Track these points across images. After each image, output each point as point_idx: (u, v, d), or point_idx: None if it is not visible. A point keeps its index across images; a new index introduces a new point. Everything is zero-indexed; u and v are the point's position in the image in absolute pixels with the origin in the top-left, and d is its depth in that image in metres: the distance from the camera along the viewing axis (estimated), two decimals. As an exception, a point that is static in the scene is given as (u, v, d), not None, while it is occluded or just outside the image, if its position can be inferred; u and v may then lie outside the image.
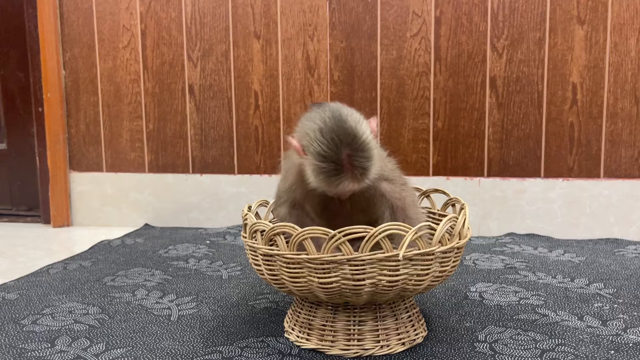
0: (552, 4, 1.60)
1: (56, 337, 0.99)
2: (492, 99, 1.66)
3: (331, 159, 0.81)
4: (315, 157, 0.82)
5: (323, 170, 0.82)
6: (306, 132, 0.84)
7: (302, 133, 0.86)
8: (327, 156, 0.81)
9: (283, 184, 0.96)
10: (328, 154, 0.81)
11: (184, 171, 1.86)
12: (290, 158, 0.96)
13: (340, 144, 0.81)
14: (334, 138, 0.81)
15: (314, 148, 0.82)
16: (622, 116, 1.60)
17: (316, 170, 0.83)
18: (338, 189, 0.84)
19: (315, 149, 0.82)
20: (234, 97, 1.80)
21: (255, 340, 0.97)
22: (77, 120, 1.91)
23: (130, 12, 1.83)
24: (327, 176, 0.82)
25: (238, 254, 1.50)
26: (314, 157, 0.82)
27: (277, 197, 0.98)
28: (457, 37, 1.66)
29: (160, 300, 1.16)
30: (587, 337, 0.96)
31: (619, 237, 1.61)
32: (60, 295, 1.20)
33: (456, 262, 0.92)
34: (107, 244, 1.63)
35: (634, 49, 1.57)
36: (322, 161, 0.82)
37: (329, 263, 0.83)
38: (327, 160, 0.81)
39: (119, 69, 1.86)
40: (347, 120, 0.83)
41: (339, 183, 0.83)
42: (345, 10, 1.70)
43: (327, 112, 0.85)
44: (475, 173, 1.69)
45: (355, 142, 0.82)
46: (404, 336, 0.93)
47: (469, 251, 1.49)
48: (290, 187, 0.94)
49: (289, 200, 0.95)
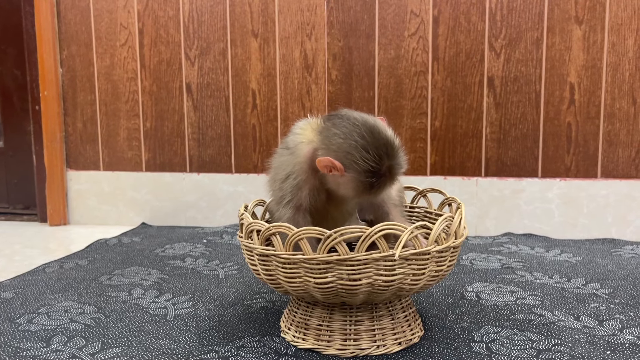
0: (550, 3, 1.60)
1: (52, 336, 0.99)
2: (490, 99, 1.66)
3: (377, 173, 0.86)
4: (362, 175, 0.86)
5: (368, 184, 0.86)
6: (347, 152, 0.86)
7: (341, 152, 0.87)
8: (374, 172, 0.86)
9: (286, 182, 0.93)
10: (375, 169, 0.85)
11: (182, 170, 1.86)
12: (295, 155, 0.93)
13: (385, 158, 0.86)
14: (380, 154, 0.86)
15: (360, 166, 0.85)
16: (620, 116, 1.60)
17: (362, 185, 0.87)
18: (376, 196, 0.89)
19: (362, 166, 0.85)
20: (232, 95, 1.80)
21: (251, 339, 0.96)
22: (74, 118, 1.91)
23: (127, 10, 1.83)
24: (369, 188, 0.87)
25: (235, 253, 1.50)
26: (359, 175, 0.86)
27: (280, 197, 0.94)
28: (455, 37, 1.65)
29: (157, 300, 1.16)
30: (583, 337, 0.96)
31: (616, 237, 1.61)
32: (56, 294, 1.20)
33: (452, 262, 0.92)
34: (104, 242, 1.63)
35: (632, 49, 1.57)
36: (369, 177, 0.86)
37: (325, 263, 0.83)
38: (373, 175, 0.86)
39: (116, 67, 1.86)
40: (383, 133, 0.88)
41: (379, 191, 0.88)
42: (344, 9, 1.70)
43: (361, 127, 0.87)
44: (473, 173, 1.69)
45: (396, 153, 0.88)
46: (400, 336, 0.93)
47: (466, 251, 1.49)
48: (296, 186, 0.92)
49: (293, 201, 0.93)
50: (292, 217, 0.93)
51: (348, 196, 0.91)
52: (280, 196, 0.95)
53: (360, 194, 0.88)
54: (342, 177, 0.88)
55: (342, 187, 0.89)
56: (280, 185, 0.94)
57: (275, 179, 0.97)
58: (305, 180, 0.93)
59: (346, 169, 0.87)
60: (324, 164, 0.87)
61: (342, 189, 0.89)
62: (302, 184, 0.93)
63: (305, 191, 0.93)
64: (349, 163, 0.86)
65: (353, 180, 0.87)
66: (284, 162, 0.95)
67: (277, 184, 0.96)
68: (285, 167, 0.94)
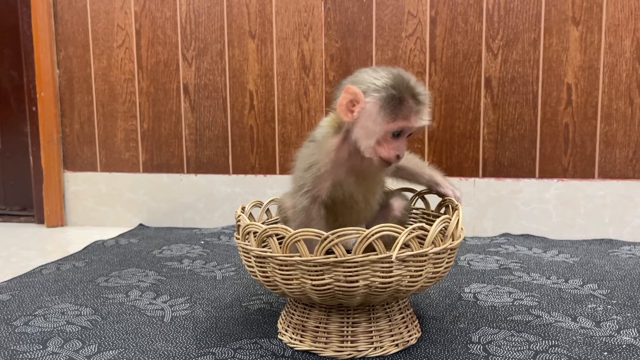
0: (547, 4, 1.60)
1: (48, 339, 0.98)
2: (487, 100, 1.66)
3: (399, 96, 0.84)
4: (386, 89, 0.84)
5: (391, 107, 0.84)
6: (367, 81, 0.86)
7: (362, 83, 0.86)
8: (395, 93, 0.84)
9: (308, 171, 0.91)
10: (396, 88, 0.84)
11: (179, 171, 1.85)
12: (321, 147, 0.91)
13: (406, 83, 0.85)
14: (401, 79, 0.85)
15: (380, 86, 0.84)
16: (617, 117, 1.60)
17: (385, 108, 0.84)
18: (410, 119, 0.85)
19: (382, 86, 0.84)
20: (229, 96, 1.80)
21: (248, 341, 0.96)
22: (71, 119, 1.90)
23: (124, 11, 1.82)
24: (398, 104, 0.84)
25: (232, 255, 1.50)
26: (385, 90, 0.84)
27: (299, 186, 0.92)
28: (452, 38, 1.65)
29: (154, 301, 1.16)
30: (580, 338, 0.96)
31: (614, 237, 1.62)
32: (52, 296, 1.19)
33: (450, 263, 0.92)
34: (101, 244, 1.63)
35: (629, 49, 1.57)
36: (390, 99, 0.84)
37: (321, 265, 0.83)
38: (394, 98, 0.84)
39: (114, 68, 1.85)
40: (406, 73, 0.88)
41: (409, 113, 0.85)
42: (341, 10, 1.70)
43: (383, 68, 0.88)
44: (470, 173, 1.69)
45: (418, 84, 0.87)
46: (398, 337, 0.93)
47: (463, 252, 1.49)
48: (318, 177, 0.90)
49: (312, 191, 0.91)
50: (307, 207, 0.91)
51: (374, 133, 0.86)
52: (299, 185, 0.92)
53: (391, 113, 0.84)
54: (364, 112, 0.85)
55: (367, 125, 0.85)
56: (302, 174, 0.92)
57: (298, 169, 0.94)
58: (328, 172, 0.90)
59: (366, 95, 0.85)
60: (341, 101, 0.86)
61: (368, 126, 0.85)
62: (325, 176, 0.90)
63: (326, 183, 0.91)
64: (367, 87, 0.85)
65: (375, 104, 0.84)
66: (309, 153, 0.92)
67: (298, 172, 0.93)
68: (309, 158, 0.92)
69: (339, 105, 0.87)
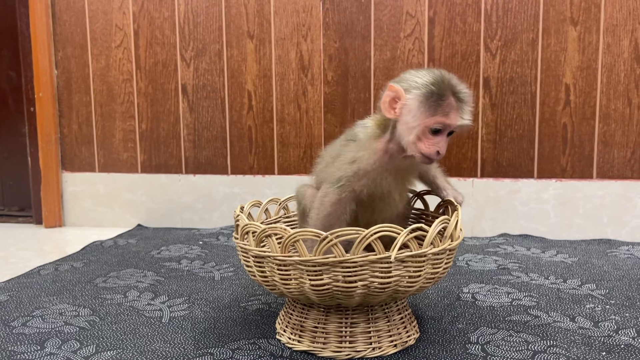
0: (545, 5, 1.60)
1: (46, 340, 0.98)
2: (486, 100, 1.66)
3: (440, 93, 0.86)
4: (426, 86, 0.86)
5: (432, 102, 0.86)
6: (409, 79, 0.89)
7: (404, 81, 0.89)
8: (436, 90, 0.86)
9: (350, 166, 0.92)
10: (437, 86, 0.86)
11: (177, 171, 1.85)
12: (365, 146, 0.92)
13: (447, 82, 0.87)
14: (442, 78, 0.88)
15: (421, 84, 0.87)
16: (615, 117, 1.60)
17: (434, 98, 0.86)
18: (449, 116, 0.87)
19: (428, 80, 0.87)
20: (228, 97, 1.80)
21: (246, 342, 0.96)
22: (70, 120, 1.90)
23: (123, 12, 1.82)
24: (437, 99, 0.86)
25: (231, 255, 1.50)
26: (425, 87, 0.86)
27: (336, 178, 0.92)
28: (450, 38, 1.65)
29: (152, 302, 1.16)
30: (579, 338, 0.96)
31: (612, 237, 1.62)
32: (50, 297, 1.19)
33: (449, 264, 0.91)
34: (100, 244, 1.62)
35: (627, 50, 1.57)
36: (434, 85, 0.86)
37: (320, 265, 0.83)
38: (435, 94, 0.86)
39: (112, 68, 1.85)
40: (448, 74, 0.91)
41: (450, 110, 0.87)
42: (339, 11, 1.70)
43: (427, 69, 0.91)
44: (469, 174, 1.69)
45: (460, 83, 0.89)
46: (396, 338, 0.93)
47: (462, 252, 1.49)
48: (357, 173, 0.91)
49: (347, 187, 0.92)
50: (339, 200, 0.92)
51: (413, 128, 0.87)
52: (337, 177, 0.92)
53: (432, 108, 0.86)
54: (406, 108, 0.88)
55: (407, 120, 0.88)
56: (341, 166, 0.92)
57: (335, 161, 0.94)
58: (368, 172, 0.91)
59: (407, 92, 0.87)
60: (384, 98, 0.88)
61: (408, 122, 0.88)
62: (368, 174, 0.91)
63: (366, 180, 0.92)
64: (409, 85, 0.88)
65: (415, 100, 0.87)
66: (352, 149, 0.93)
67: (337, 163, 0.93)
68: (352, 153, 0.93)
69: (382, 102, 0.89)
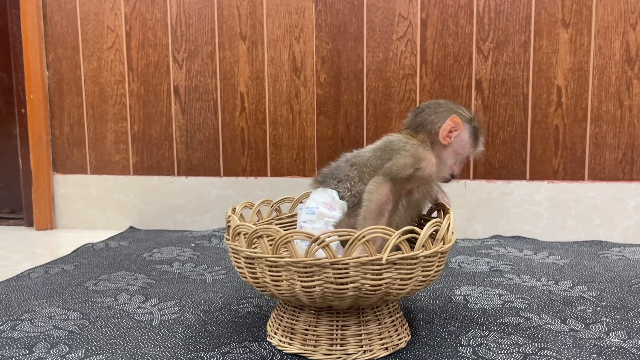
0: (537, 7, 1.60)
1: (35, 344, 0.97)
2: (478, 102, 1.66)
3: (479, 122, 1.09)
4: (472, 121, 1.06)
5: (474, 130, 1.06)
6: (453, 110, 1.05)
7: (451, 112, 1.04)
8: (476, 120, 1.07)
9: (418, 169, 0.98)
10: (475, 117, 1.07)
11: (170, 173, 1.84)
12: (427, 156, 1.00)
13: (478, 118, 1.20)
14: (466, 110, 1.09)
15: (468, 115, 1.06)
16: (607, 119, 1.60)
17: (477, 132, 1.06)
18: (478, 146, 1.07)
19: (469, 115, 1.06)
20: (220, 98, 1.79)
21: (237, 345, 0.96)
22: (61, 121, 1.89)
23: (114, 13, 1.81)
24: (476, 135, 1.06)
25: (223, 257, 1.49)
26: (471, 122, 1.05)
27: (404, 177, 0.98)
28: (443, 40, 1.66)
29: (143, 305, 1.15)
30: (570, 340, 0.96)
31: (604, 239, 1.62)
32: (40, 300, 1.18)
33: (440, 267, 0.91)
34: (91, 247, 1.61)
35: (618, 52, 1.58)
36: (476, 122, 1.07)
37: (311, 266, 0.83)
38: (477, 121, 1.07)
39: (104, 70, 1.84)
40: None
41: (480, 142, 1.07)
42: (332, 12, 1.70)
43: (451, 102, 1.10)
44: (461, 175, 1.69)
45: None
46: (387, 341, 0.93)
47: (454, 254, 1.49)
48: (423, 177, 0.99)
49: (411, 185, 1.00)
50: (389, 193, 0.97)
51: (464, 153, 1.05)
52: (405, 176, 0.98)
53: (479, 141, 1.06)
54: (459, 137, 1.03)
55: (458, 148, 1.04)
56: (413, 163, 0.98)
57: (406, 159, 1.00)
58: (431, 177, 1.00)
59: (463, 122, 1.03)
60: (445, 127, 1.02)
61: (457, 149, 1.04)
62: (428, 179, 1.00)
63: (414, 184, 1.00)
64: (461, 117, 1.03)
65: (467, 132, 1.03)
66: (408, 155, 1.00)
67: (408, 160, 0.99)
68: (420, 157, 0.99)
69: (442, 129, 1.02)
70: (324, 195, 1.02)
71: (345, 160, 1.06)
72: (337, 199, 1.02)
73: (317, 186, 1.06)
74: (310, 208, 1.01)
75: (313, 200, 1.02)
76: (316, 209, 1.01)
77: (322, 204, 1.01)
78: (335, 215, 1.00)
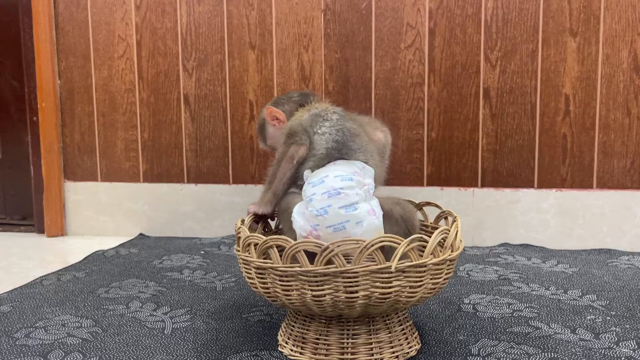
0: (544, 16, 1.61)
1: (49, 351, 0.98)
2: (486, 110, 1.67)
3: None
4: None
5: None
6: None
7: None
8: None
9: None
10: None
11: (179, 181, 1.86)
12: None
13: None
14: None
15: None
16: (615, 127, 1.61)
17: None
18: None
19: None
20: (229, 107, 1.81)
21: (248, 354, 0.97)
22: (72, 129, 1.91)
23: (125, 23, 1.84)
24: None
25: (232, 265, 1.50)
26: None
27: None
28: (450, 49, 1.67)
29: (154, 313, 1.16)
30: (579, 350, 0.96)
31: (612, 247, 1.62)
32: (53, 308, 1.20)
33: (449, 274, 0.92)
34: (102, 254, 1.63)
35: (626, 61, 1.58)
36: None
37: (322, 275, 0.84)
38: None
39: (114, 78, 1.86)
40: None
41: None
42: (340, 21, 1.71)
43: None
44: (469, 183, 1.69)
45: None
46: (398, 349, 0.94)
47: (462, 262, 1.49)
48: None
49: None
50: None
51: None
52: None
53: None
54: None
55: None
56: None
57: None
58: None
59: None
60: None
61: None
62: None
63: None
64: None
65: None
66: None
67: None
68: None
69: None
70: (351, 167, 0.99)
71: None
72: (367, 167, 1.00)
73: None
74: (344, 175, 0.96)
75: (341, 171, 0.97)
76: (354, 176, 0.97)
77: (353, 173, 0.97)
78: (370, 183, 0.99)
